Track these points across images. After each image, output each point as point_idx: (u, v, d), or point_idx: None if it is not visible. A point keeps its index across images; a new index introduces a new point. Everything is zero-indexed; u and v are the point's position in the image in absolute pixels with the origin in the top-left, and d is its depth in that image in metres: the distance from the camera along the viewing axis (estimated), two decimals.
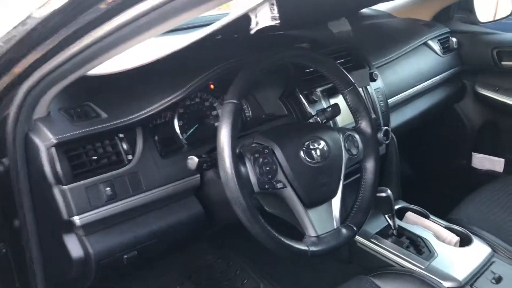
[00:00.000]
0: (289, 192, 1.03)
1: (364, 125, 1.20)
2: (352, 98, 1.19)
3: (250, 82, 1.01)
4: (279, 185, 1.01)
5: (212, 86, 1.37)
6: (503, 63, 1.99)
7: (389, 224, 1.43)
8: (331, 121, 1.38)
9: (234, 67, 1.18)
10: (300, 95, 1.41)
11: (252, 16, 0.73)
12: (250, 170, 0.99)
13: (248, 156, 1.00)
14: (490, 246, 1.40)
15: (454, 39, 2.06)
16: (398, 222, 1.47)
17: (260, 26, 0.73)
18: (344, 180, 1.14)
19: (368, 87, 1.57)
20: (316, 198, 1.07)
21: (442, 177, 2.33)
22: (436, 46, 2.00)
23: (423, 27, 2.05)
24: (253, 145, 1.04)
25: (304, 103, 1.40)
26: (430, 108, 1.96)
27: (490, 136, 2.17)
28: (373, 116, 1.56)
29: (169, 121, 1.28)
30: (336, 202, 1.11)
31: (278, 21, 0.72)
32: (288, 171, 1.02)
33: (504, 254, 1.41)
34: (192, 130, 1.32)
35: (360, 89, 1.51)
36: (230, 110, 0.96)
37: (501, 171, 2.13)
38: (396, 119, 1.75)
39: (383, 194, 1.38)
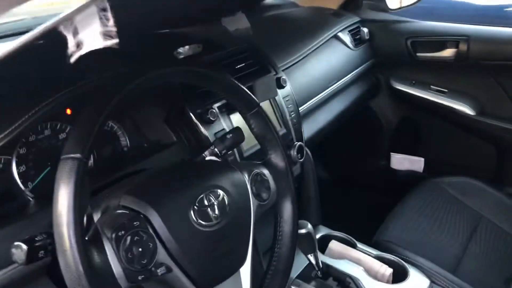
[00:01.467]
0: (176, 276, 0.71)
1: (275, 156, 0.91)
2: (258, 122, 0.89)
3: (103, 120, 0.67)
4: (161, 271, 0.69)
5: (69, 111, 1.00)
6: (418, 54, 1.81)
7: (311, 263, 1.17)
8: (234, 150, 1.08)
9: (88, 91, 0.84)
10: (192, 115, 1.08)
11: (67, 33, 0.39)
12: (111, 258, 0.65)
13: (107, 235, 0.66)
14: (427, 276, 1.20)
15: (365, 30, 1.84)
16: (321, 257, 1.22)
17: (83, 51, 0.39)
18: None
19: (277, 97, 1.29)
20: (217, 274, 0.77)
21: (362, 181, 2.14)
22: (347, 38, 1.76)
23: (331, 17, 1.81)
24: (119, 211, 0.71)
25: (197, 125, 1.08)
26: (345, 109, 1.73)
27: (408, 134, 2.00)
28: (284, 131, 1.28)
29: (4, 169, 0.90)
30: (245, 270, 0.81)
31: (116, 41, 0.39)
32: (173, 247, 0.70)
33: (442, 283, 1.23)
34: (41, 176, 0.95)
35: (266, 102, 1.22)
36: (70, 170, 0.62)
37: (421, 171, 1.97)
38: (309, 128, 1.49)
39: (303, 231, 1.12)
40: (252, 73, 1.26)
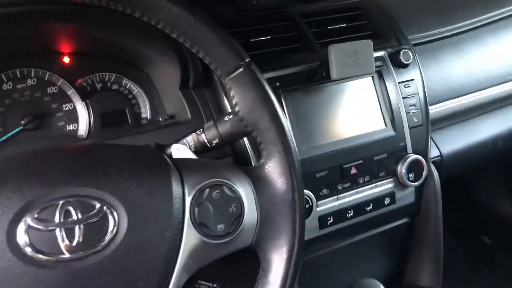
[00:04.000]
0: None
1: (272, 162, 0.50)
2: (242, 94, 0.50)
3: None
4: None
5: (67, 60, 0.77)
6: None
7: None
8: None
9: None
10: (219, 82, 0.74)
11: None
12: None
13: None
14: None
15: None
16: None
17: None
18: None
19: (387, 79, 0.83)
20: None
21: None
22: None
23: None
24: None
25: (222, 98, 0.73)
26: None
27: None
28: (390, 133, 0.82)
29: None
30: None
31: None
32: None
33: None
34: (7, 136, 0.73)
35: (366, 84, 0.80)
36: None
37: None
38: (454, 139, 0.97)
39: None
40: (355, 39, 0.83)
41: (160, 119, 0.80)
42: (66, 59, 0.77)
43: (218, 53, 0.48)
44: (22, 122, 0.74)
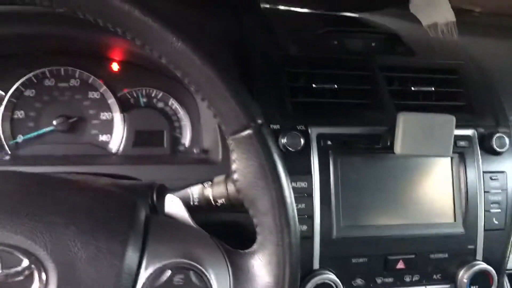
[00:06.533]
0: None
1: (267, 254, 0.39)
2: (244, 159, 0.40)
3: None
4: None
5: (115, 67, 0.72)
6: None
7: None
8: None
9: None
10: None
11: None
12: None
13: None
14: None
15: None
16: None
17: None
18: None
19: (470, 164, 0.67)
20: None
21: None
22: None
23: None
24: None
25: None
26: None
27: None
28: (458, 230, 0.66)
29: None
30: None
31: None
32: None
33: None
34: (37, 133, 0.70)
35: (437, 159, 0.66)
36: None
37: None
38: None
39: None
40: (441, 108, 0.69)
41: (195, 151, 0.72)
42: (115, 67, 0.72)
43: (224, 107, 0.39)
44: (54, 122, 0.70)
